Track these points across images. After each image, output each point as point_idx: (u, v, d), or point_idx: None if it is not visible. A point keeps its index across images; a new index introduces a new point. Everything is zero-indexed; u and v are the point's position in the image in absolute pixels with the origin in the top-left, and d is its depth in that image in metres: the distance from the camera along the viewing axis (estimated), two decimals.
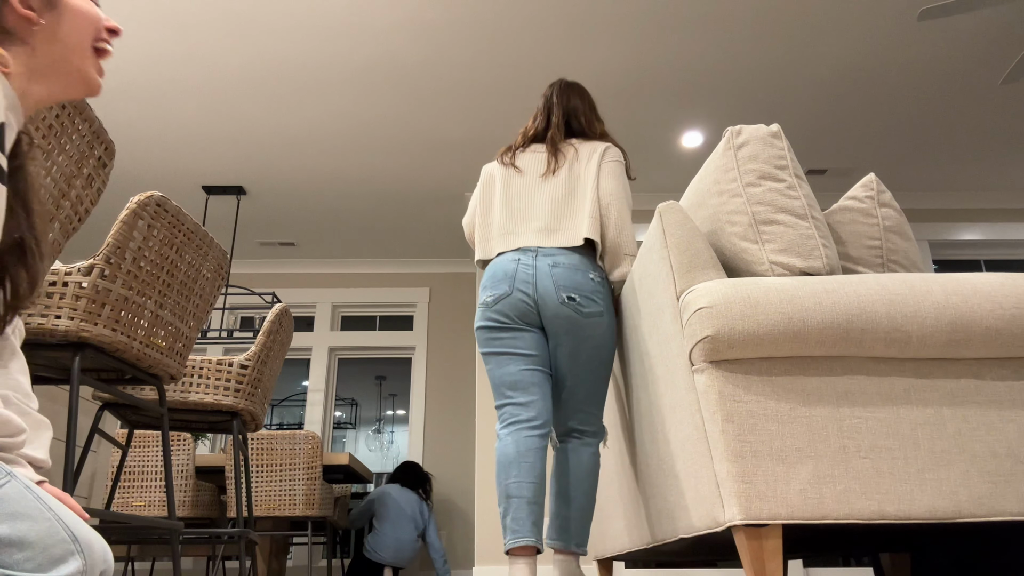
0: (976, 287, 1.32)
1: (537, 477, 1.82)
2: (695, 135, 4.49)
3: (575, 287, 1.92)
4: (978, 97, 4.17)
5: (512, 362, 1.98)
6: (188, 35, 3.57)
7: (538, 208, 2.07)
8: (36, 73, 0.89)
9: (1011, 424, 1.27)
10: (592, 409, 1.96)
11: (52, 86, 0.91)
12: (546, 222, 2.04)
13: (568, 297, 1.92)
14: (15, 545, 0.65)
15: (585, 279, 1.93)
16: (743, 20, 3.55)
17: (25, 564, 0.65)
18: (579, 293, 1.92)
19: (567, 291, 1.92)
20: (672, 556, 2.21)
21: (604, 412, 2.09)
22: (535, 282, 1.95)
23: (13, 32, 0.87)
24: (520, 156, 2.18)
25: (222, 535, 2.64)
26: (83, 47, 0.93)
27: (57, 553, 0.67)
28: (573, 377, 1.95)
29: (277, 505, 3.44)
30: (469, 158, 4.67)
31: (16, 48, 0.88)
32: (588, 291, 1.92)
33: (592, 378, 1.94)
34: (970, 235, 5.24)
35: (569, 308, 1.91)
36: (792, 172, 1.52)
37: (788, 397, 1.26)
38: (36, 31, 0.89)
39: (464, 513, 5.42)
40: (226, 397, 2.02)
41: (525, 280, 1.96)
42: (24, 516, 0.67)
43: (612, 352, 1.96)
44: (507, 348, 1.99)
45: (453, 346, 5.90)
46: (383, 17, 3.48)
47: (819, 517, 1.19)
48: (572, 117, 2.18)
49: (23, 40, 0.88)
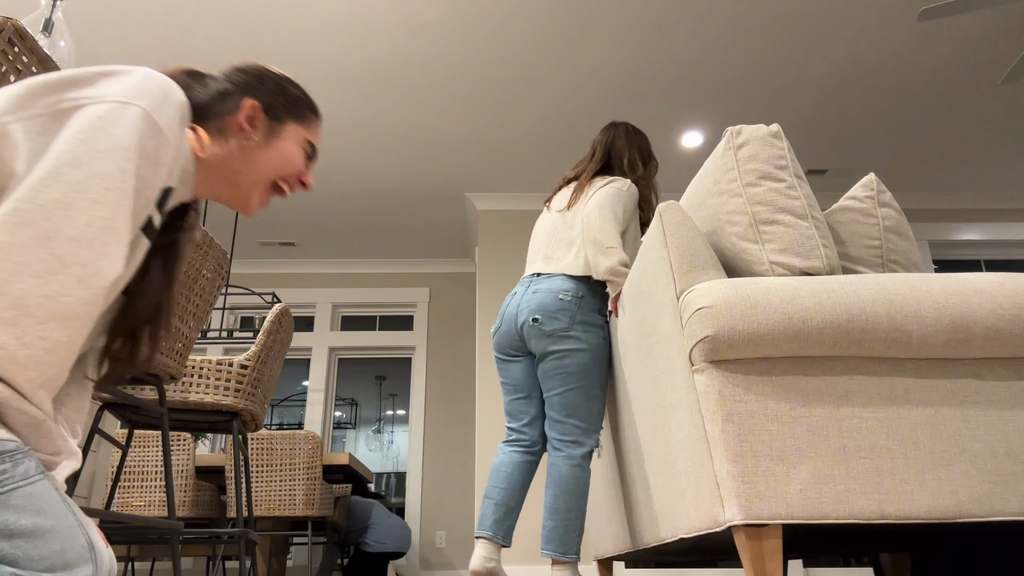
0: (976, 287, 1.32)
1: (508, 483, 2.11)
2: (695, 135, 4.49)
3: (540, 308, 2.12)
4: (978, 97, 4.17)
5: (506, 391, 2.28)
6: (188, 35, 3.57)
7: (546, 239, 2.30)
8: (216, 170, 0.96)
9: (1011, 424, 1.27)
10: (571, 421, 2.06)
11: (219, 188, 0.98)
12: (548, 251, 2.26)
13: (532, 319, 2.13)
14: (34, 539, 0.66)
15: (553, 299, 2.12)
16: (743, 20, 3.55)
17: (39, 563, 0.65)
18: (543, 313, 2.11)
19: (532, 313, 2.13)
20: (672, 556, 2.21)
21: (601, 416, 2.10)
22: (516, 312, 2.20)
23: (225, 130, 0.95)
24: (555, 197, 2.40)
25: (222, 535, 2.64)
26: (266, 178, 0.99)
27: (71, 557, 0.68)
28: (548, 392, 2.11)
29: (277, 505, 3.44)
30: (469, 158, 4.67)
31: (218, 141, 0.95)
32: (553, 310, 2.10)
33: (565, 391, 2.08)
34: (970, 235, 5.24)
35: (534, 328, 2.12)
36: (792, 172, 1.52)
37: (788, 397, 1.26)
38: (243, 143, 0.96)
39: (464, 513, 5.41)
40: (226, 397, 2.02)
41: (511, 312, 2.22)
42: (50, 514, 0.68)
43: (588, 365, 2.07)
44: (504, 379, 2.28)
45: (453, 346, 5.90)
46: (383, 17, 3.48)
47: (819, 517, 1.19)
48: (615, 157, 2.35)
49: (226, 141, 0.95)
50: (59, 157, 0.72)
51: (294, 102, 1.03)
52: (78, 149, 0.73)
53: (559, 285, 2.13)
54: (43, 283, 0.68)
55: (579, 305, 2.10)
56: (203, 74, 1.00)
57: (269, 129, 0.98)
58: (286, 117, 1.01)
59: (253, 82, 1.00)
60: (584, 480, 2.02)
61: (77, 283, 0.71)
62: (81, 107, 0.76)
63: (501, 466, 2.15)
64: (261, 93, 1.00)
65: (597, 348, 2.09)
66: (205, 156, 0.93)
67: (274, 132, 0.99)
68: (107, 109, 0.76)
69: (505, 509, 2.07)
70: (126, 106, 0.77)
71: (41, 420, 0.73)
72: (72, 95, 0.77)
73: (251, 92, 0.99)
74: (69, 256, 0.70)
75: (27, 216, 0.69)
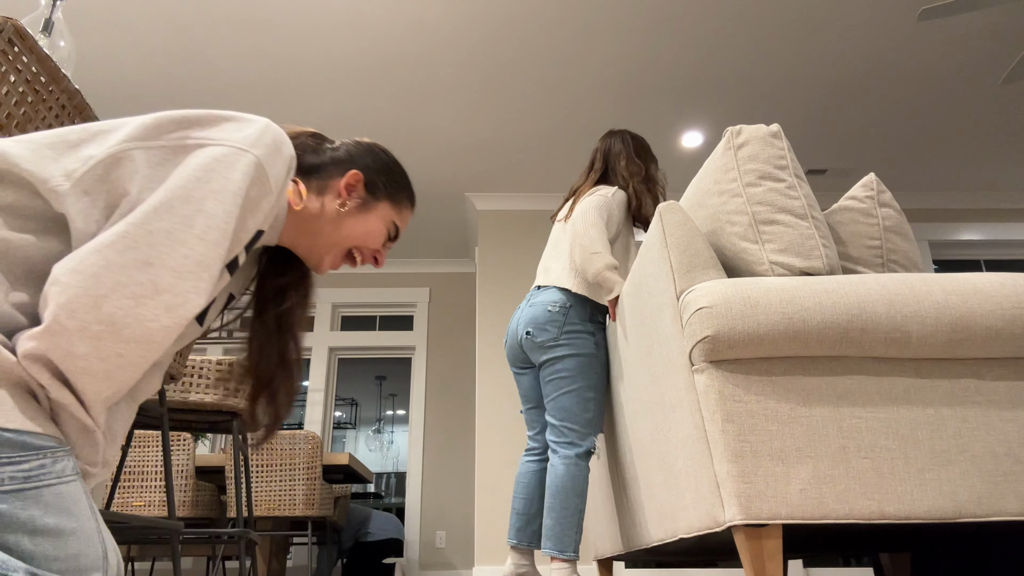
0: (976, 287, 1.32)
1: (526, 492, 2.27)
2: (695, 135, 4.49)
3: (532, 321, 2.22)
4: (978, 97, 4.17)
5: (522, 402, 2.42)
6: (187, 34, 3.57)
7: (548, 251, 2.39)
8: (303, 223, 1.01)
9: (1011, 424, 1.27)
10: (565, 424, 2.13)
11: (300, 240, 1.03)
12: (547, 263, 2.36)
13: (526, 332, 2.23)
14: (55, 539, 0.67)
15: (543, 312, 2.21)
16: (743, 20, 3.55)
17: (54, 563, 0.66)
18: (534, 326, 2.21)
19: (526, 327, 2.23)
20: (672, 556, 2.21)
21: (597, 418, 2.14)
22: (516, 327, 2.31)
23: (324, 190, 1.03)
24: (561, 208, 2.48)
25: (222, 535, 2.64)
26: (345, 244, 1.05)
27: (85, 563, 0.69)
28: (546, 398, 2.20)
29: (277, 505, 3.44)
30: (469, 158, 4.67)
31: (315, 198, 1.01)
32: (542, 322, 2.20)
33: (558, 396, 2.15)
34: (970, 235, 5.24)
35: (528, 341, 2.23)
36: (792, 172, 1.52)
37: (788, 397, 1.26)
38: (337, 206, 1.02)
39: (464, 513, 5.41)
40: (226, 397, 2.02)
41: (513, 327, 2.33)
42: (75, 517, 0.69)
43: (579, 370, 2.13)
44: (519, 390, 2.42)
45: (453, 346, 5.90)
46: (383, 16, 3.48)
47: (819, 517, 1.19)
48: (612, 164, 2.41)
49: (322, 200, 1.02)
50: (175, 191, 0.77)
51: (395, 185, 1.09)
52: (193, 186, 0.78)
53: (549, 297, 2.22)
54: (135, 304, 0.72)
55: (567, 315, 2.18)
56: (324, 138, 1.09)
57: (364, 201, 1.05)
58: (383, 195, 1.07)
59: (365, 156, 1.08)
60: (579, 479, 2.06)
61: (165, 310, 0.75)
62: (202, 147, 0.81)
63: (520, 476, 2.30)
64: (368, 167, 1.07)
65: (588, 353, 2.15)
66: (298, 209, 0.99)
67: (367, 205, 1.05)
68: (225, 153, 0.81)
69: (526, 517, 2.23)
70: (243, 153, 0.82)
71: (93, 430, 0.76)
72: (196, 134, 0.82)
73: (359, 164, 1.06)
74: (164, 284, 0.74)
75: (136, 240, 0.74)
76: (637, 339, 1.74)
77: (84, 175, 0.76)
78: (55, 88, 1.17)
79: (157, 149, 0.79)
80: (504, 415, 4.57)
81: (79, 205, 0.76)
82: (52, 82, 1.16)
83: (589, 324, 2.19)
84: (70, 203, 0.75)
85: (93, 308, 0.70)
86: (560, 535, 2.02)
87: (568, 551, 2.01)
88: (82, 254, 0.72)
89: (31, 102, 1.11)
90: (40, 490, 0.67)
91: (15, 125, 1.08)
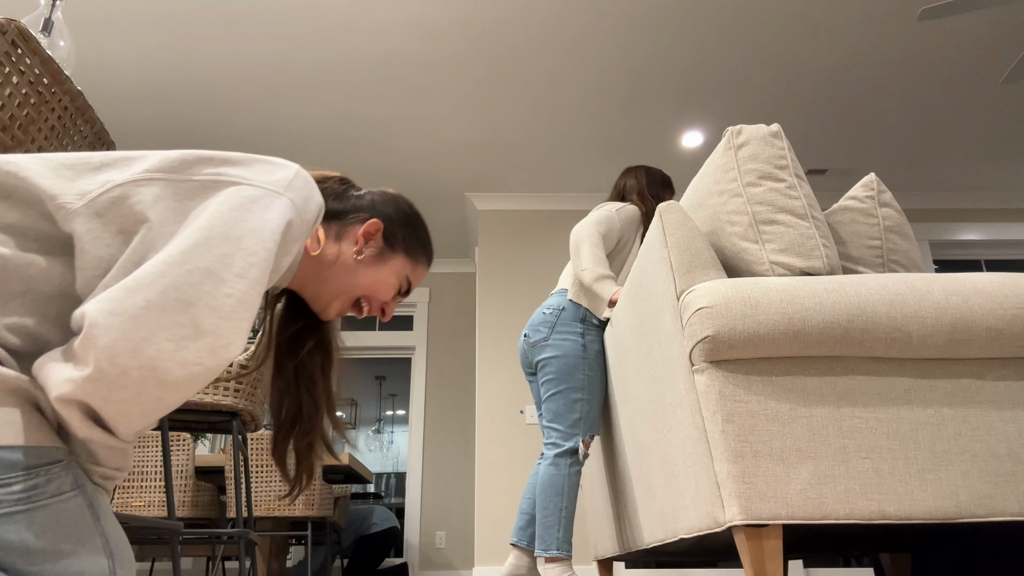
0: (976, 287, 1.32)
1: (532, 493, 2.28)
2: (695, 135, 4.49)
3: (530, 324, 2.33)
4: (978, 97, 4.17)
5: (535, 408, 2.47)
6: (188, 35, 3.57)
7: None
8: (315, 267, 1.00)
9: (1011, 424, 1.27)
10: (551, 425, 2.19)
11: (309, 283, 1.02)
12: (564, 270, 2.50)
13: (524, 335, 2.35)
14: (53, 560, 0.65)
15: (539, 315, 2.32)
16: (743, 20, 3.55)
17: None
18: (531, 328, 2.32)
19: (525, 330, 2.35)
20: (672, 556, 2.21)
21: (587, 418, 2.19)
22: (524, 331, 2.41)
23: (342, 236, 1.01)
24: None
25: (222, 535, 2.64)
26: (355, 292, 1.03)
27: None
28: (543, 400, 2.25)
29: (277, 505, 3.44)
30: (469, 158, 4.67)
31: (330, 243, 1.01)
32: (537, 323, 2.30)
33: (547, 397, 2.22)
34: (970, 235, 5.24)
35: (525, 342, 2.34)
36: (792, 172, 1.52)
37: (788, 397, 1.26)
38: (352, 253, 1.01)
39: (464, 513, 5.41)
40: (226, 397, 2.02)
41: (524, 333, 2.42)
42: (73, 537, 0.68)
43: (565, 371, 2.19)
44: (532, 396, 2.48)
45: (453, 346, 5.90)
46: (384, 16, 3.48)
47: (819, 517, 1.19)
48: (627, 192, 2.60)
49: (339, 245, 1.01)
50: (211, 229, 0.75)
51: (414, 239, 1.09)
52: (230, 224, 0.76)
53: (549, 302, 2.33)
54: (177, 348, 0.69)
55: (559, 317, 2.25)
56: (352, 184, 1.08)
57: (380, 251, 1.04)
58: (400, 248, 1.06)
59: (388, 206, 1.07)
60: (559, 478, 2.10)
61: (209, 353, 0.72)
62: (235, 185, 0.79)
63: (531, 479, 2.35)
64: (389, 218, 1.06)
65: (574, 354, 2.20)
66: (315, 255, 0.98)
67: (383, 256, 1.04)
68: (260, 194, 0.80)
69: (528, 517, 2.26)
70: (278, 196, 0.81)
71: (123, 448, 0.75)
72: (227, 172, 0.80)
73: (381, 213, 1.05)
74: (207, 325, 0.71)
75: (175, 280, 0.70)
76: (637, 339, 1.74)
77: (98, 197, 0.74)
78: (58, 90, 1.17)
79: (184, 182, 0.78)
80: (504, 415, 4.57)
81: (89, 225, 0.73)
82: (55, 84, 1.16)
83: (579, 325, 2.24)
84: (79, 223, 0.73)
85: (135, 353, 0.67)
86: (542, 534, 2.07)
87: (551, 549, 2.04)
88: (119, 294, 0.68)
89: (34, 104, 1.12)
90: (33, 512, 0.65)
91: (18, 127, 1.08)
